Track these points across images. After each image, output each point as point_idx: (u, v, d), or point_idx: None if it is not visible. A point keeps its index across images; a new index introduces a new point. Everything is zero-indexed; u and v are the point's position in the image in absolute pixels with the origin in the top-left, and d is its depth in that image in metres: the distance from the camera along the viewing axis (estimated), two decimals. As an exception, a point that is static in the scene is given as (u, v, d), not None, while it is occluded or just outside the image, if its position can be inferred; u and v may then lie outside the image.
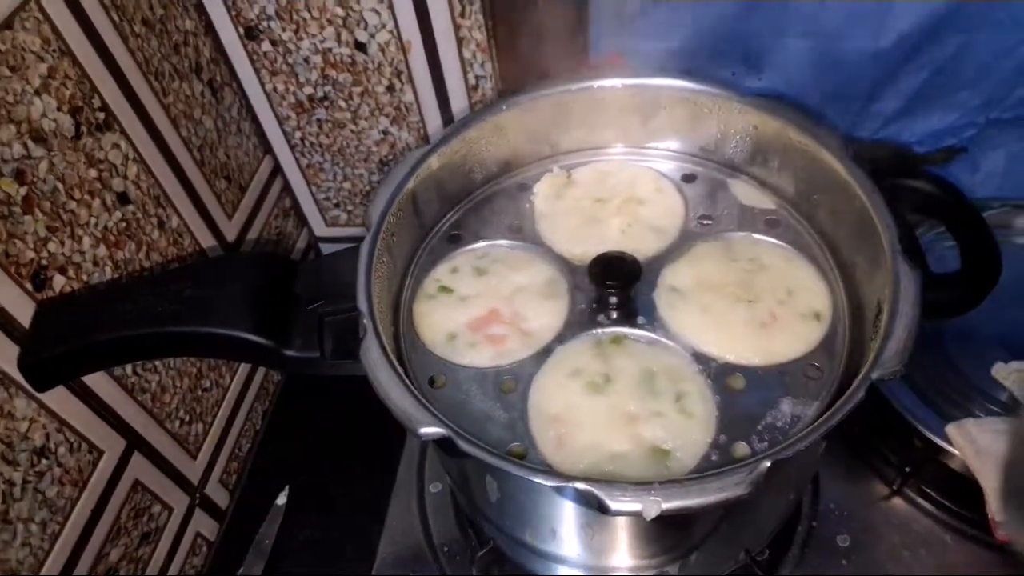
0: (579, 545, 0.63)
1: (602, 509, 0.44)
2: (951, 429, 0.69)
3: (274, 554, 0.85)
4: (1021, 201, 0.84)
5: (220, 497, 0.91)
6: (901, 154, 0.88)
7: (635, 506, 0.44)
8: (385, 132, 0.94)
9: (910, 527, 0.74)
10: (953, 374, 0.75)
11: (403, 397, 0.49)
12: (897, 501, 0.76)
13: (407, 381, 0.51)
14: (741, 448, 0.53)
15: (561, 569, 0.67)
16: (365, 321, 0.53)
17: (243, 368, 0.95)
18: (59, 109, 0.65)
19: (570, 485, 0.45)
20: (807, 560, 0.72)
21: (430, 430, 0.48)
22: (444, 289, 0.64)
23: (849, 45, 0.79)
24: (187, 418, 0.85)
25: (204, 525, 0.89)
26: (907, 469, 0.75)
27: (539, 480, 0.46)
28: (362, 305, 0.54)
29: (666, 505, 0.44)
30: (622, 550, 0.63)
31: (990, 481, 0.65)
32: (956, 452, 0.69)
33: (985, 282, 0.53)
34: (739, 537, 0.65)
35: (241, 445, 0.96)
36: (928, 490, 0.75)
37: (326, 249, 1.12)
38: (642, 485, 0.44)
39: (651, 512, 0.43)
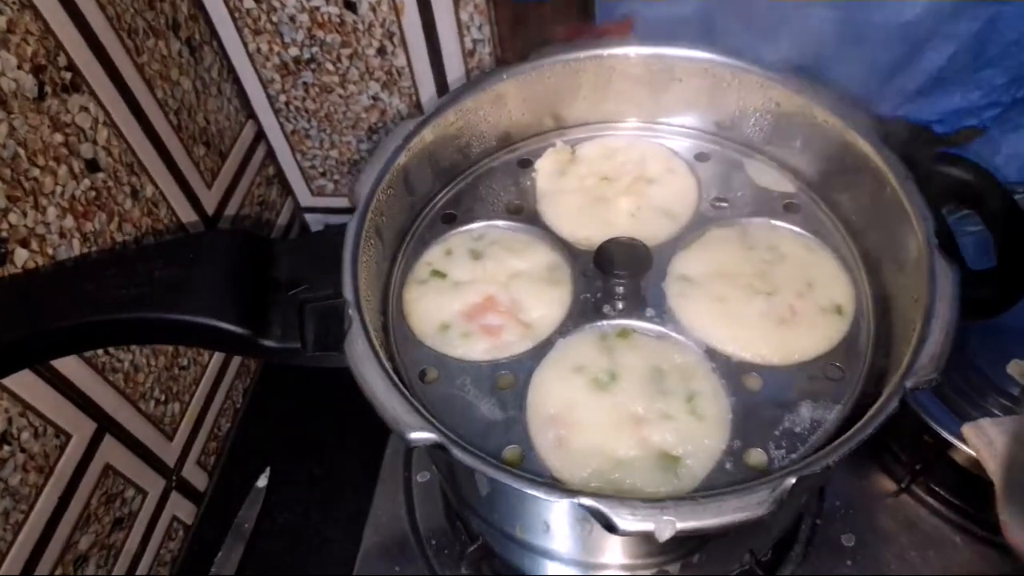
0: (574, 542, 0.59)
1: (610, 528, 0.40)
2: (967, 429, 0.65)
3: (254, 537, 0.82)
4: (1043, 185, 0.79)
5: (198, 479, 0.88)
6: (920, 133, 0.84)
7: (647, 526, 0.40)
8: (375, 98, 0.89)
9: (918, 527, 0.71)
10: (969, 370, 0.71)
11: (391, 397, 0.45)
12: (905, 499, 0.73)
13: (395, 379, 0.46)
14: (756, 455, 0.49)
15: (554, 567, 0.64)
16: (351, 311, 0.48)
17: (223, 345, 0.91)
18: (19, 67, 0.60)
19: (574, 501, 0.41)
20: (810, 560, 0.70)
21: (420, 435, 0.44)
22: (436, 274, 0.59)
23: (873, 17, 0.75)
24: (163, 398, 0.80)
25: (181, 508, 0.85)
26: (917, 467, 0.72)
27: (539, 495, 0.42)
28: (347, 293, 0.49)
29: (681, 525, 0.40)
30: (619, 548, 0.60)
31: (1002, 482, 0.62)
32: (969, 451, 0.65)
33: (1022, 280, 0.49)
34: (744, 538, 0.62)
35: (220, 425, 0.92)
36: (938, 489, 0.72)
37: (311, 219, 1.07)
38: (654, 503, 0.41)
39: (664, 533, 0.40)
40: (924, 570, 0.69)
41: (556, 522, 0.57)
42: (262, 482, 0.86)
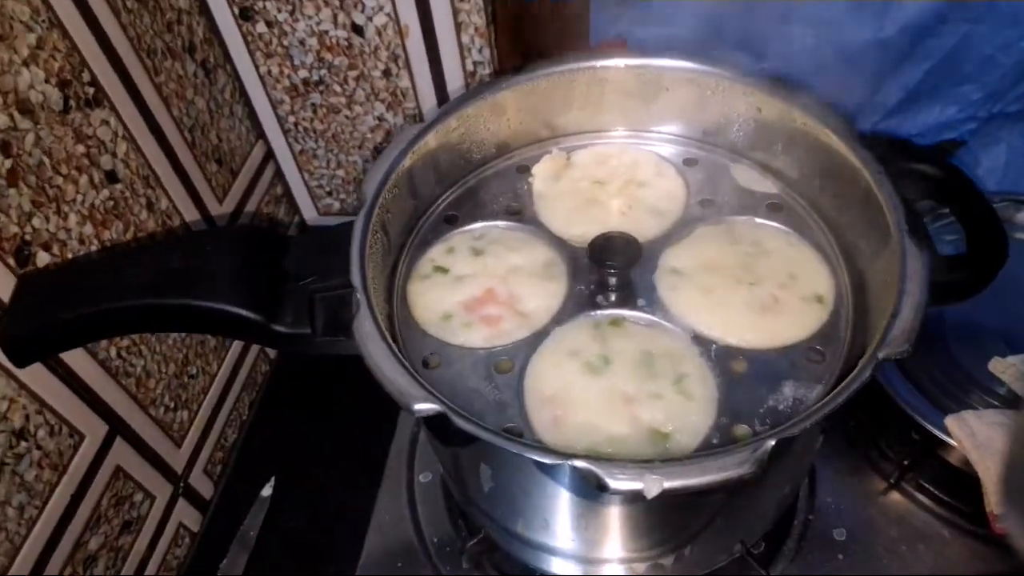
0: (572, 536, 0.61)
1: (601, 487, 0.43)
2: (950, 422, 0.68)
3: (259, 546, 0.83)
4: (1022, 196, 0.83)
5: (204, 487, 0.89)
6: (900, 148, 0.87)
7: (636, 484, 0.42)
8: (380, 118, 0.93)
9: (908, 521, 0.73)
10: (952, 367, 0.74)
11: (397, 372, 0.48)
12: (895, 495, 0.74)
13: (400, 357, 0.49)
14: (742, 430, 0.51)
15: (553, 561, 0.66)
16: (359, 295, 0.51)
17: (231, 356, 0.93)
18: (47, 81, 0.63)
19: (568, 463, 0.43)
20: (803, 554, 0.71)
21: (424, 406, 0.46)
22: (439, 269, 0.63)
23: (852, 34, 0.79)
24: (172, 405, 0.83)
25: (187, 515, 0.87)
26: (905, 463, 0.74)
27: (536, 457, 0.44)
28: (355, 280, 0.52)
29: (668, 484, 0.42)
30: (615, 541, 0.62)
31: (989, 474, 0.64)
32: (955, 445, 0.68)
33: (991, 265, 0.52)
34: (735, 529, 0.64)
35: (227, 435, 0.94)
36: (926, 484, 0.74)
37: (318, 239, 1.11)
38: (643, 463, 0.43)
39: (652, 490, 0.42)
40: (914, 563, 0.70)
41: (556, 518, 0.59)
42: (267, 491, 0.88)
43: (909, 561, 0.70)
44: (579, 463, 0.43)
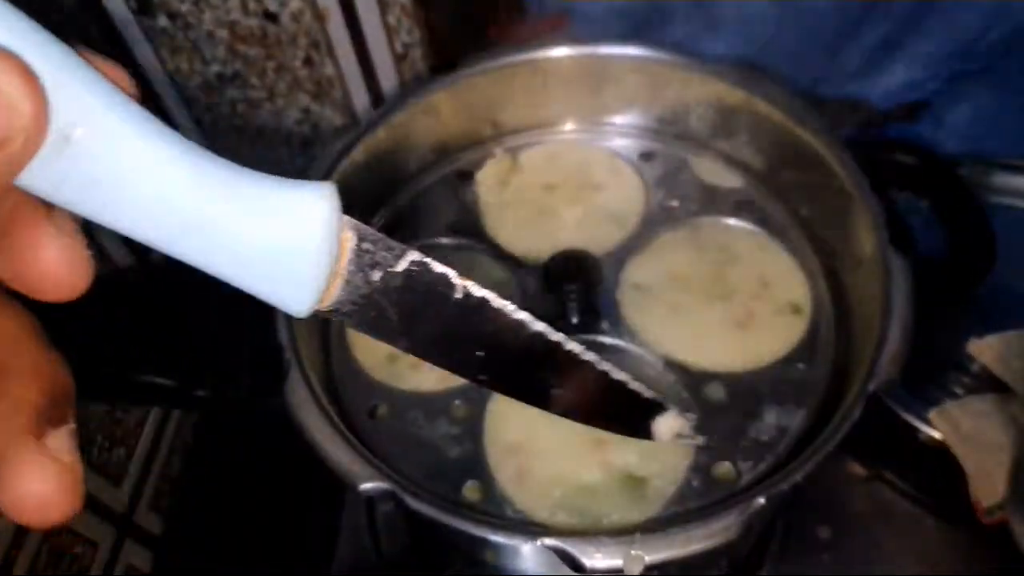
0: (544, 561, 0.57)
1: (577, 569, 0.38)
2: (934, 415, 0.65)
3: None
4: (988, 157, 0.79)
5: (152, 524, 0.84)
6: (864, 112, 0.83)
7: (615, 562, 0.38)
8: (306, 110, 0.85)
9: (892, 512, 0.70)
10: (927, 348, 0.70)
11: (337, 448, 0.42)
12: (878, 486, 0.72)
13: (341, 427, 0.43)
14: (723, 468, 0.47)
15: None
16: (287, 356, 0.45)
17: (167, 381, 0.87)
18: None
19: (537, 543, 0.39)
20: (788, 555, 0.68)
21: (371, 485, 0.41)
22: (380, 301, 0.57)
23: (807, -2, 0.73)
24: (106, 444, 0.76)
25: (136, 555, 0.81)
26: (887, 453, 0.71)
27: (500, 539, 0.40)
28: (282, 336, 0.46)
29: (650, 559, 0.38)
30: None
31: (976, 467, 0.62)
32: (934, 434, 0.65)
33: (977, 271, 0.48)
34: (720, 550, 0.61)
35: (172, 464, 0.88)
36: (909, 473, 0.71)
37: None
38: (621, 537, 0.39)
39: (634, 569, 0.38)
40: (899, 554, 0.68)
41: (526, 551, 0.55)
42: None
43: (894, 552, 0.68)
44: (550, 542, 0.39)
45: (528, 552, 0.50)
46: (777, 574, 0.67)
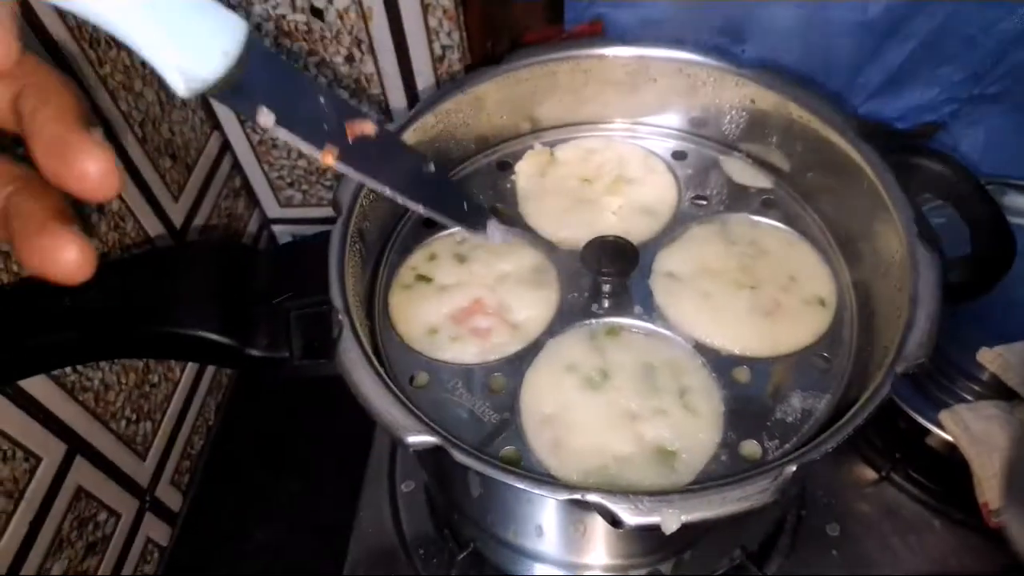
0: (567, 543, 0.59)
1: (615, 523, 0.40)
2: (944, 416, 0.67)
3: (234, 557, 0.80)
4: (1001, 179, 0.82)
5: (172, 499, 0.85)
6: (882, 131, 0.86)
7: (653, 519, 0.40)
8: (344, 106, 0.88)
9: (899, 513, 0.72)
10: (939, 356, 0.73)
11: (388, 403, 0.44)
12: (886, 487, 0.74)
13: (391, 385, 0.45)
14: (751, 447, 0.49)
15: (546, 569, 0.64)
16: (340, 317, 0.47)
17: (194, 361, 0.89)
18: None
19: (582, 498, 0.41)
20: (797, 550, 0.70)
21: (419, 439, 0.43)
22: (421, 278, 0.59)
23: (835, 15, 0.76)
24: (134, 417, 0.78)
25: (155, 530, 0.83)
26: (896, 455, 0.73)
27: (545, 493, 0.42)
28: (336, 300, 0.48)
29: (686, 517, 0.40)
30: (613, 548, 0.60)
31: (984, 468, 0.64)
32: (945, 436, 0.67)
33: (998, 266, 0.50)
34: (736, 535, 0.62)
35: (193, 443, 0.89)
36: (916, 475, 0.73)
37: (279, 231, 1.05)
38: (660, 496, 0.41)
39: (671, 525, 0.40)
40: (906, 555, 0.70)
41: (550, 525, 0.57)
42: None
43: (901, 552, 0.70)
44: (593, 498, 0.41)
45: (561, 516, 0.52)
46: (787, 570, 0.69)
